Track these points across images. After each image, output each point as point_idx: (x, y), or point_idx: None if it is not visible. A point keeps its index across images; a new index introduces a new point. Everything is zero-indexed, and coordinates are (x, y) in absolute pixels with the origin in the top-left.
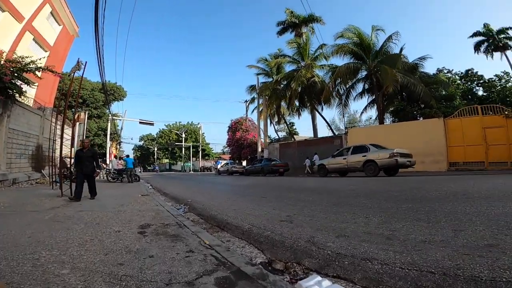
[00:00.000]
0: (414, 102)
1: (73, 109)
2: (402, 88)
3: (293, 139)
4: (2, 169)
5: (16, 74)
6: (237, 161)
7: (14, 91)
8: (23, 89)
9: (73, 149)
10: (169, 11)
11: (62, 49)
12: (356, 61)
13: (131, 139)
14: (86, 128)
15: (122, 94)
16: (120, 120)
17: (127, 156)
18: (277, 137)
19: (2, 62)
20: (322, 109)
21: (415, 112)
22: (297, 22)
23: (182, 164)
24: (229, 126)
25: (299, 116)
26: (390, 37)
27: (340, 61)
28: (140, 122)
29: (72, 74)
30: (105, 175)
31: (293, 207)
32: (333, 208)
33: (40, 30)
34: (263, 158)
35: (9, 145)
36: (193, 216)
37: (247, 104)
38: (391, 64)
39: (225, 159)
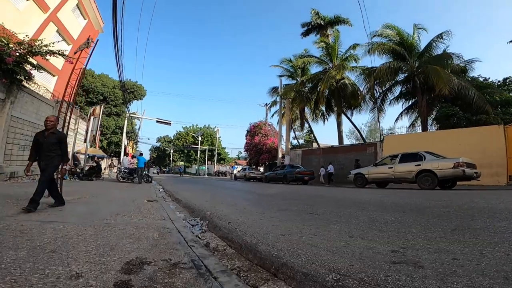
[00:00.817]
0: (467, 108)
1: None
2: (453, 91)
3: (317, 146)
4: None
5: (23, 57)
6: (254, 167)
7: (21, 75)
8: (32, 75)
9: (85, 144)
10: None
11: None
12: (398, 61)
13: (148, 139)
14: (104, 125)
15: (141, 93)
16: (138, 120)
17: (140, 154)
18: (297, 144)
19: (10, 44)
20: (352, 114)
21: (469, 119)
22: (322, 23)
23: (196, 167)
24: (247, 130)
25: (324, 121)
26: (440, 36)
27: (373, 62)
28: (158, 121)
29: (80, 51)
30: (115, 174)
31: (380, 233)
32: (455, 235)
33: (65, 22)
34: (285, 165)
35: (11, 134)
36: (216, 240)
37: (267, 108)
38: (439, 65)
39: (240, 164)
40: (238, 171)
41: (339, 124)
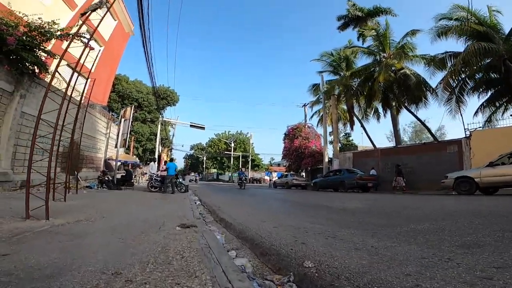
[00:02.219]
0: None
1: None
2: None
3: (374, 147)
4: (2, 167)
5: (33, 40)
6: (293, 173)
7: (30, 64)
8: (48, 65)
9: (116, 149)
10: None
11: (117, 46)
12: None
13: (182, 146)
14: (139, 132)
15: (174, 99)
16: (172, 127)
17: (171, 160)
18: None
19: (20, 28)
20: (417, 109)
21: None
22: (361, 15)
23: (230, 174)
24: (285, 133)
25: (378, 119)
26: None
27: (437, 49)
28: (191, 126)
29: (89, 12)
30: (145, 182)
31: None
32: None
33: (94, 21)
34: (341, 169)
35: (22, 135)
36: None
37: (306, 108)
38: None
39: (275, 170)
40: (279, 178)
41: (395, 122)
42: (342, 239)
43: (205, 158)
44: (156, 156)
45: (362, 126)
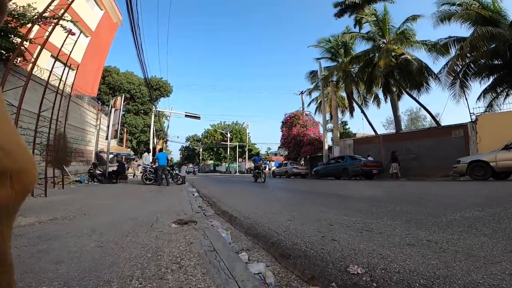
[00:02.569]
0: None
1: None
2: None
3: (375, 133)
4: None
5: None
6: (294, 162)
7: (4, 49)
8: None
9: (107, 141)
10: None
11: (105, 36)
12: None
13: (177, 137)
14: (132, 124)
15: (168, 90)
16: (167, 119)
17: (160, 150)
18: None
19: None
20: (419, 95)
21: None
22: (358, 2)
23: (227, 165)
24: (282, 122)
25: (378, 105)
26: None
27: (438, 35)
28: (186, 115)
29: None
30: (138, 175)
31: None
32: None
33: (79, 11)
34: (343, 156)
35: None
36: None
37: (303, 96)
38: None
39: (272, 160)
40: (277, 167)
41: (395, 108)
42: (381, 232)
43: (201, 150)
44: (151, 148)
45: (363, 111)
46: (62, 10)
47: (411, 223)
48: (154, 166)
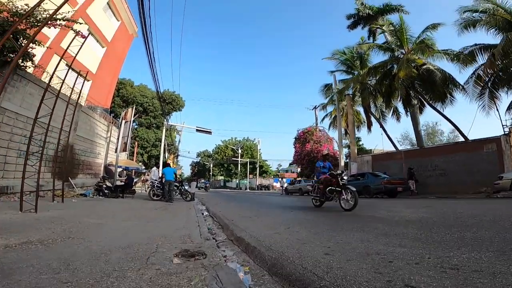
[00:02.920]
0: None
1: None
2: None
3: (395, 149)
4: None
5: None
6: (304, 178)
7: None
8: (33, 54)
9: (116, 154)
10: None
11: (121, 47)
12: None
13: (188, 152)
14: (144, 138)
15: (180, 104)
16: (178, 134)
17: (167, 164)
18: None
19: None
20: (443, 107)
21: None
22: (370, 13)
23: (237, 181)
24: (295, 138)
25: (398, 119)
26: None
27: (459, 43)
28: (197, 130)
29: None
30: (147, 190)
31: None
32: None
33: (96, 20)
34: (364, 173)
35: (5, 135)
36: None
37: (317, 111)
38: None
39: (284, 177)
40: (289, 184)
41: (415, 121)
42: (477, 270)
43: (211, 165)
44: (161, 162)
45: (382, 126)
46: (72, 11)
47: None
48: (161, 181)
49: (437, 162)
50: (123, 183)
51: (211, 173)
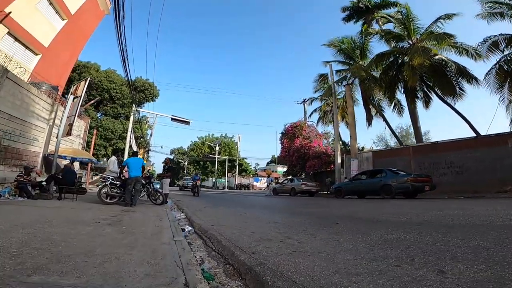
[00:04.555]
0: None
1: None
2: None
3: (400, 144)
4: None
5: None
6: (304, 178)
7: None
8: None
9: (57, 139)
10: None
11: (87, 23)
12: None
13: (161, 147)
14: (109, 128)
15: (154, 93)
16: (150, 128)
17: (133, 154)
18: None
19: None
20: (454, 101)
21: None
22: (369, 6)
23: (214, 180)
24: (282, 132)
25: (400, 113)
26: None
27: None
28: (173, 119)
29: None
30: (98, 188)
31: None
32: None
33: None
34: (383, 169)
35: None
36: None
37: (306, 105)
38: None
39: (262, 176)
40: (280, 183)
41: (414, 117)
42: None
43: (186, 163)
44: (126, 152)
45: (385, 119)
46: None
47: None
48: (122, 176)
49: (452, 159)
50: (57, 177)
51: (185, 171)
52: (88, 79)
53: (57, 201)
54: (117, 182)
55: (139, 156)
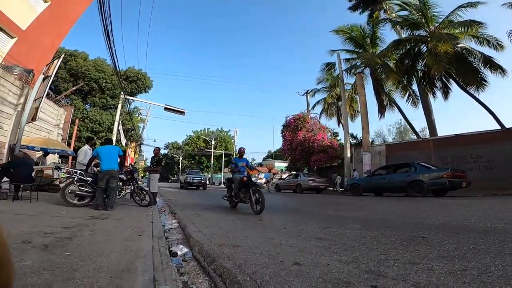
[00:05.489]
0: None
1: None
2: None
3: (419, 138)
4: None
5: None
6: (311, 173)
7: None
8: None
9: (20, 126)
10: None
11: (73, 7)
12: None
13: (154, 140)
14: (96, 120)
15: (147, 84)
16: (143, 122)
17: (106, 141)
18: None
19: None
20: (478, 92)
21: None
22: None
23: (209, 175)
24: (283, 125)
25: (415, 104)
26: None
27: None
28: (166, 109)
29: None
30: (63, 185)
31: None
32: None
33: None
34: (409, 163)
35: None
36: None
37: (308, 96)
38: None
39: (262, 171)
40: (283, 179)
41: (428, 109)
42: None
43: (181, 158)
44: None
45: (400, 110)
46: None
47: None
48: (91, 171)
49: (480, 152)
50: (11, 170)
51: (180, 167)
52: (62, 56)
53: (12, 202)
54: (88, 178)
55: (129, 151)
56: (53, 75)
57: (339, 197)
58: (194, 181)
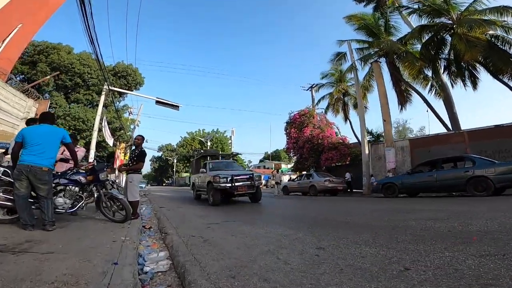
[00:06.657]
0: None
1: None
2: None
3: (447, 130)
4: None
5: None
6: (327, 173)
7: None
8: None
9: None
10: None
11: None
12: None
13: (146, 141)
14: (80, 118)
15: (138, 80)
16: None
17: (44, 116)
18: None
19: None
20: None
21: None
22: None
23: None
24: (287, 122)
25: (439, 95)
26: None
27: None
28: (158, 102)
29: None
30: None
31: None
32: None
33: None
34: (464, 156)
35: None
36: None
37: (313, 91)
38: None
39: (266, 173)
40: (293, 180)
41: (449, 102)
42: None
43: (175, 161)
44: (93, 146)
45: (426, 101)
46: None
47: None
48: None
49: None
50: None
51: (174, 170)
52: (19, 26)
53: None
54: (5, 178)
55: (118, 152)
56: None
57: (370, 199)
58: (238, 183)
